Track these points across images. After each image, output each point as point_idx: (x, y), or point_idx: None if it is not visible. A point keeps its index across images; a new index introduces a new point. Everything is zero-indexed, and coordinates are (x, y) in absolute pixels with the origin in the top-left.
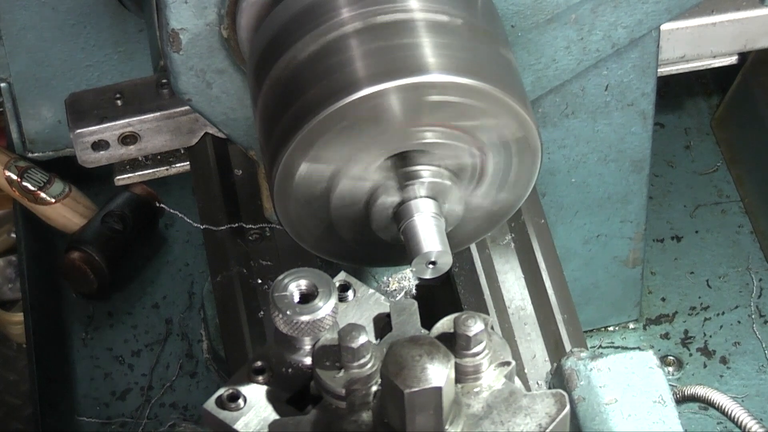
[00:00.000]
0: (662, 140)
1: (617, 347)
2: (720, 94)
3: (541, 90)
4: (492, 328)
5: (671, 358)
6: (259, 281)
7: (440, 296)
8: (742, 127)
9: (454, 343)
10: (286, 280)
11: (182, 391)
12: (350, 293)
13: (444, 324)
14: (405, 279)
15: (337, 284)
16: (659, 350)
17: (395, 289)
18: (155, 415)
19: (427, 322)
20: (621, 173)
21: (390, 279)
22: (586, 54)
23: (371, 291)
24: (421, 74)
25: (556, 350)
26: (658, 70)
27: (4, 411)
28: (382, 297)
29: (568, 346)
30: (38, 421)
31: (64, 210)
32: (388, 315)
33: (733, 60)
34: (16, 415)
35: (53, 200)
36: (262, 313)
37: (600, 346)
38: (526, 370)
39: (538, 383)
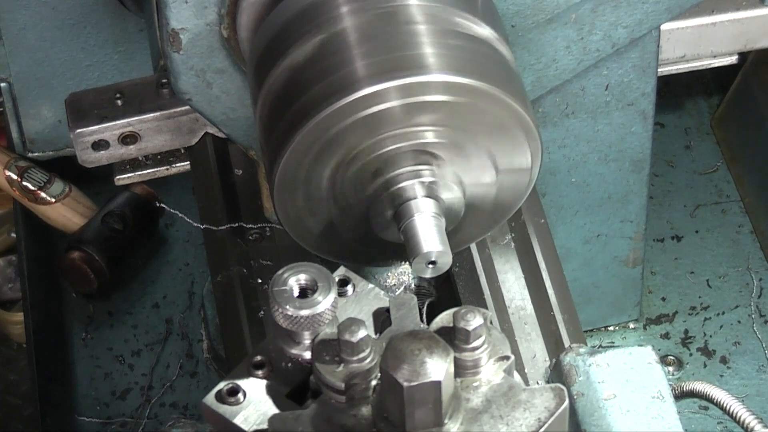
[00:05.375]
0: (662, 140)
1: (617, 347)
2: (720, 94)
3: (541, 90)
4: (491, 322)
5: (671, 357)
6: (260, 281)
7: (440, 296)
8: (742, 127)
9: (453, 338)
10: (285, 275)
11: (182, 391)
12: (350, 288)
13: (443, 318)
14: (404, 274)
15: (337, 279)
16: (659, 350)
17: (394, 284)
18: (155, 415)
19: (428, 322)
20: (621, 173)
21: (389, 274)
22: (586, 54)
23: (371, 286)
24: (422, 74)
25: (556, 350)
26: (658, 70)
27: (4, 411)
28: (382, 292)
29: None
30: (38, 421)
31: (64, 210)
32: (387, 310)
33: (733, 60)
34: (16, 415)
35: (53, 200)
36: (262, 312)
37: (600, 346)
38: (526, 370)
39: (538, 383)
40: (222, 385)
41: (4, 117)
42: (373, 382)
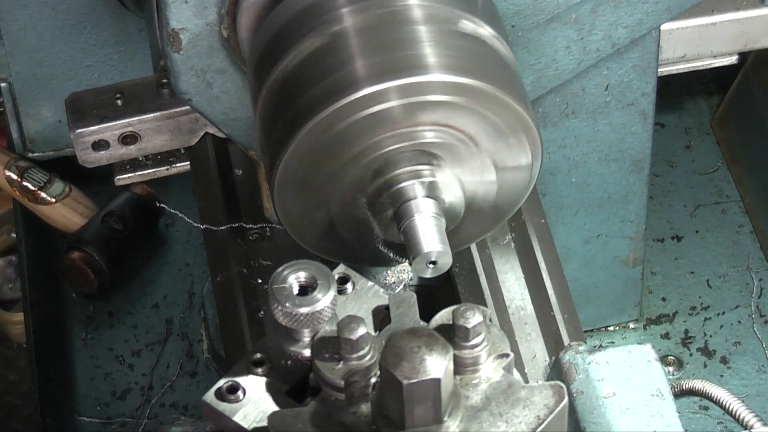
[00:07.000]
0: (662, 140)
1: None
2: (720, 94)
3: (541, 90)
4: (490, 320)
5: (671, 357)
6: (260, 281)
7: (440, 296)
8: (742, 127)
9: (452, 335)
10: (285, 272)
11: (182, 391)
12: (349, 285)
13: (443, 316)
14: (404, 272)
15: (336, 277)
16: (659, 350)
17: (394, 282)
18: (155, 415)
19: (428, 321)
20: (621, 173)
21: (389, 272)
22: (587, 54)
23: (370, 283)
24: (422, 74)
25: (556, 350)
26: (658, 70)
27: (4, 411)
28: (381, 289)
29: None
30: (38, 421)
31: (64, 210)
32: (387, 307)
33: (733, 60)
34: (16, 415)
35: (53, 200)
36: (262, 312)
37: (600, 346)
38: (526, 370)
39: (538, 383)
40: (222, 383)
41: (4, 117)
42: (373, 380)
